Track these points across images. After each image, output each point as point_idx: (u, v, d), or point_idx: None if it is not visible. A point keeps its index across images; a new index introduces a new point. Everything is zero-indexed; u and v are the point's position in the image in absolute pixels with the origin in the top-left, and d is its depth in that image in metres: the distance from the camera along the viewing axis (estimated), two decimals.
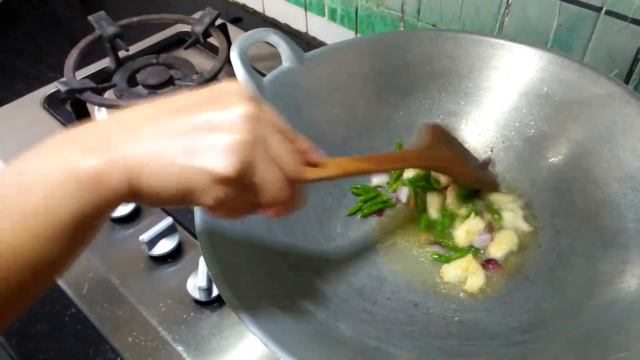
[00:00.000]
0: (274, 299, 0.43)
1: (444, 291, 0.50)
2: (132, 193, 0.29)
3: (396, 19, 0.78)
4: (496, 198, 0.56)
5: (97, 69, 0.84)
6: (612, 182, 0.48)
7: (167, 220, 0.60)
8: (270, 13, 0.99)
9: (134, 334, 0.54)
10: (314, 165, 0.37)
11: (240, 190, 0.30)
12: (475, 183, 0.56)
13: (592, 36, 0.60)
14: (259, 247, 0.47)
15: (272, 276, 0.45)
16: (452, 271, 0.50)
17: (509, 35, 0.65)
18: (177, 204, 0.30)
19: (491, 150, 0.58)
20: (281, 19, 0.97)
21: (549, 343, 0.41)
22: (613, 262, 0.44)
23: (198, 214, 0.43)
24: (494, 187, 0.57)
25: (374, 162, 0.45)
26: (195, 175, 0.29)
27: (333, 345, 0.41)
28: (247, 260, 0.45)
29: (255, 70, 0.55)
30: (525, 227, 0.53)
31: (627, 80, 0.59)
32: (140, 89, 0.76)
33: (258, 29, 0.56)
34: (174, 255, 0.60)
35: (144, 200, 0.30)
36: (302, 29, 0.95)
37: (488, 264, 0.51)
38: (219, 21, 0.84)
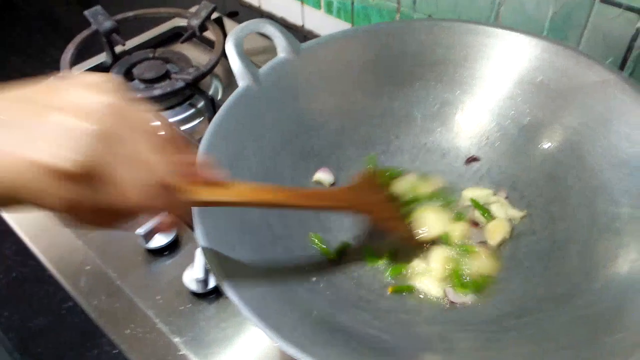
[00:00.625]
0: (271, 290, 0.43)
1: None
2: None
3: (392, 10, 0.78)
4: (476, 194, 0.56)
5: (94, 64, 0.84)
6: (606, 168, 0.48)
7: (164, 214, 0.60)
8: (266, 7, 0.99)
9: (132, 326, 0.55)
10: (211, 184, 0.33)
11: (93, 191, 0.26)
12: (398, 232, 0.53)
13: (587, 24, 0.60)
14: (254, 236, 0.48)
15: (269, 268, 0.45)
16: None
17: (505, 25, 0.65)
18: (11, 205, 0.25)
19: (487, 139, 0.58)
20: (277, 12, 0.97)
21: (543, 327, 0.41)
22: (607, 247, 0.44)
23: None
24: (414, 240, 0.53)
25: (287, 196, 0.41)
26: (25, 168, 0.23)
27: (327, 332, 0.41)
28: (244, 251, 0.45)
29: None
30: (516, 213, 0.53)
31: (622, 67, 0.59)
32: (136, 83, 0.76)
33: (253, 19, 0.56)
34: (171, 248, 0.61)
35: None
36: (299, 23, 0.94)
37: None
38: (215, 15, 0.84)
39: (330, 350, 0.38)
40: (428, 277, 0.50)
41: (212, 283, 0.55)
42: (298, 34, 0.93)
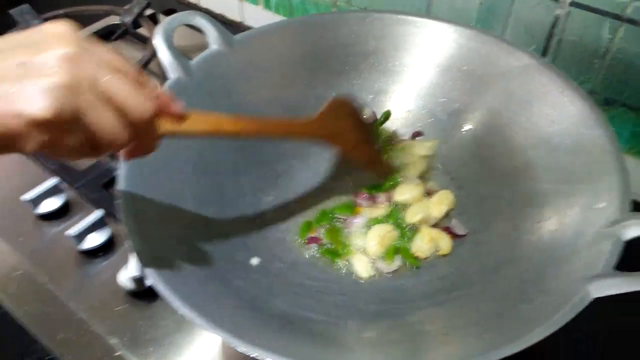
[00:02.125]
0: (203, 278, 0.42)
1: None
2: None
3: (329, 4, 0.79)
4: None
5: None
6: (528, 148, 0.50)
7: (97, 214, 0.58)
8: (205, 4, 0.98)
9: (65, 330, 0.53)
10: (175, 117, 0.36)
11: (68, 133, 0.30)
12: (369, 164, 0.56)
13: (511, 13, 0.62)
14: (188, 227, 0.47)
15: (200, 257, 0.44)
16: (424, 246, 0.51)
17: (434, 16, 0.67)
18: (4, 151, 0.30)
19: (420, 126, 0.60)
20: (217, 9, 0.96)
21: (474, 300, 0.42)
22: (530, 221, 0.46)
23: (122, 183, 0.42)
24: (389, 171, 0.57)
25: (252, 124, 0.43)
26: (11, 121, 0.28)
27: (262, 318, 0.41)
28: (175, 241, 0.44)
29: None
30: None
31: (544, 54, 0.62)
32: None
33: (183, 12, 0.55)
34: (105, 248, 0.59)
35: None
36: (238, 19, 0.94)
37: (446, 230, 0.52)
38: (150, 12, 0.82)
39: (265, 335, 0.38)
40: (363, 255, 0.51)
41: (148, 281, 0.54)
42: (238, 30, 0.92)
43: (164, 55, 0.52)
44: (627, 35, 0.55)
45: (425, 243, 0.50)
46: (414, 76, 0.60)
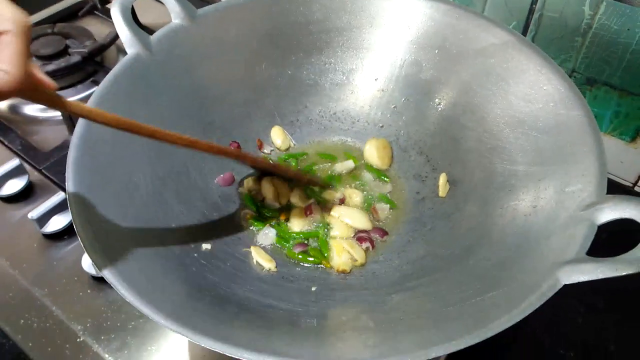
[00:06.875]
0: (156, 264, 0.40)
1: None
2: None
3: None
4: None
5: None
6: (504, 128, 0.48)
7: (60, 196, 0.56)
8: None
9: (26, 316, 0.51)
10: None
11: None
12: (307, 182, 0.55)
13: None
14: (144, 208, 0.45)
15: (157, 247, 0.42)
16: (340, 259, 0.48)
17: None
18: None
19: (394, 106, 0.57)
20: None
21: (442, 284, 0.41)
22: (503, 204, 0.44)
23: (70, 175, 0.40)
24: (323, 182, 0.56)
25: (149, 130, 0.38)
26: None
27: (219, 304, 0.39)
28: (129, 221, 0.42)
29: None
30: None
31: (524, 32, 0.60)
32: (32, 60, 0.70)
33: None
34: (70, 232, 0.57)
35: None
36: None
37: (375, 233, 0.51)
38: None
39: (220, 325, 0.36)
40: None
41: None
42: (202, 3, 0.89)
43: (121, 29, 0.49)
44: (608, 11, 0.53)
45: (342, 256, 0.47)
46: (388, 54, 0.57)
